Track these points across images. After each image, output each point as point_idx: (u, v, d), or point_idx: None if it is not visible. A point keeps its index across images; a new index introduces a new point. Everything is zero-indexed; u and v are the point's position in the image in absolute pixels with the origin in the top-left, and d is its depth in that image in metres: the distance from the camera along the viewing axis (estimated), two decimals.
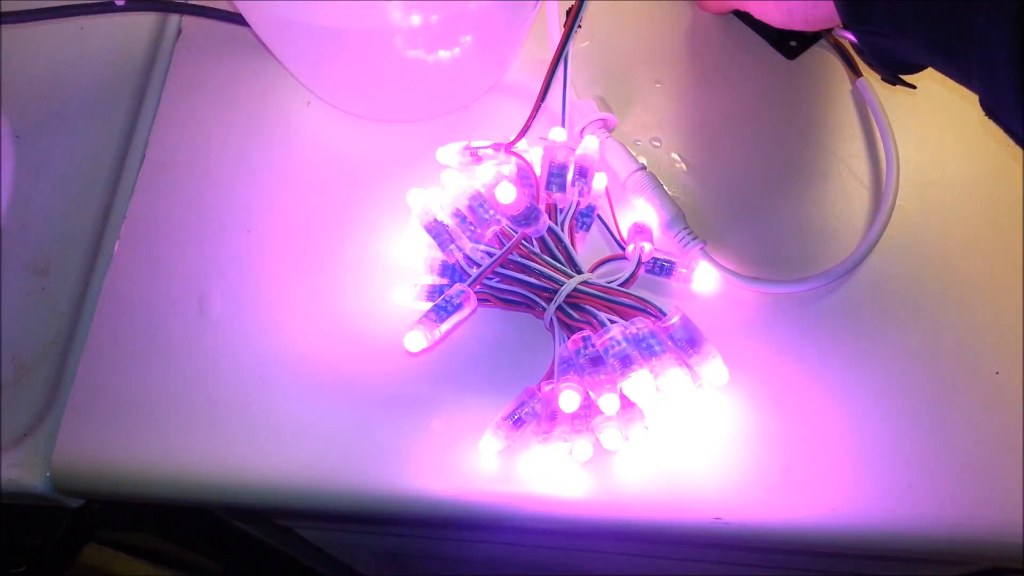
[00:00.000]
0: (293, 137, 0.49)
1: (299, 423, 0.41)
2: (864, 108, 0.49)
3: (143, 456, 0.41)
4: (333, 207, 0.47)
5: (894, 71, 0.42)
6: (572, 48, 0.43)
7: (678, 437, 0.40)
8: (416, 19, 0.39)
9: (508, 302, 0.42)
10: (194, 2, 0.52)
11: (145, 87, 0.50)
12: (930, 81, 0.49)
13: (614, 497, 0.39)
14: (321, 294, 0.44)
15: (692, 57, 0.51)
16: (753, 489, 0.39)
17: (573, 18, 0.41)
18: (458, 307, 0.39)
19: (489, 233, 0.42)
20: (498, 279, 0.41)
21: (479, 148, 0.45)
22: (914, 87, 0.43)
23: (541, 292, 0.41)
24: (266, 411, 0.42)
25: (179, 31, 0.52)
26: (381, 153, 0.48)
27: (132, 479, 0.41)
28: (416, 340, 0.38)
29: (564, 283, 0.40)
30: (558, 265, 0.41)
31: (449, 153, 0.45)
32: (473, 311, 0.40)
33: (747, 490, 0.39)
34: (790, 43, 0.51)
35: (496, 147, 0.44)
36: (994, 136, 0.48)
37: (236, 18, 0.51)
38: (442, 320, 0.39)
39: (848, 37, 0.39)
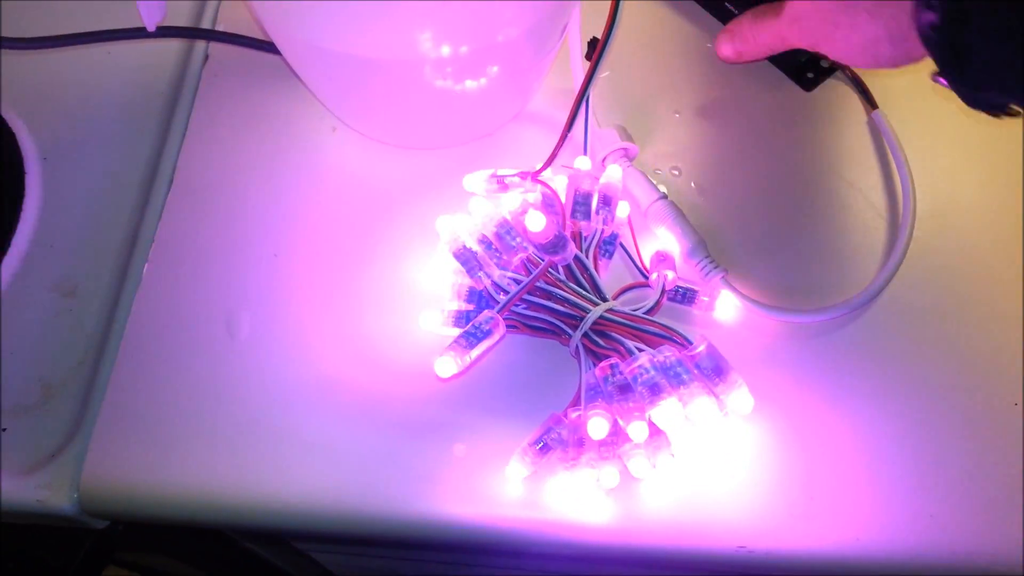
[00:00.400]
0: (319, 163, 0.50)
1: (325, 446, 0.42)
2: (880, 139, 0.49)
3: (172, 478, 0.41)
4: (359, 232, 0.47)
5: (986, 110, 0.39)
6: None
7: (702, 465, 0.41)
8: (446, 50, 0.40)
9: (535, 328, 0.42)
10: (222, 29, 0.53)
11: (172, 112, 0.51)
12: (945, 111, 0.50)
13: (639, 524, 0.40)
14: (348, 318, 0.45)
15: (710, 88, 0.52)
16: (777, 517, 0.39)
17: (599, 53, 0.42)
18: (487, 333, 0.39)
19: (516, 260, 0.42)
20: (525, 306, 0.42)
21: (506, 176, 0.45)
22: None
23: (567, 319, 0.41)
24: (292, 434, 0.42)
25: (206, 57, 0.53)
26: (406, 179, 0.49)
27: (160, 501, 0.41)
28: (447, 366, 0.39)
29: (590, 310, 0.41)
30: (584, 292, 0.42)
31: (476, 181, 0.46)
32: (502, 338, 0.41)
33: (771, 518, 0.39)
34: (807, 75, 0.52)
35: (523, 175, 0.45)
36: (1009, 165, 0.49)
37: (262, 45, 0.52)
38: (472, 346, 0.39)
39: (942, 83, 0.38)
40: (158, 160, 0.50)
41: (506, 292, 0.41)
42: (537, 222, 0.39)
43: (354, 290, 0.46)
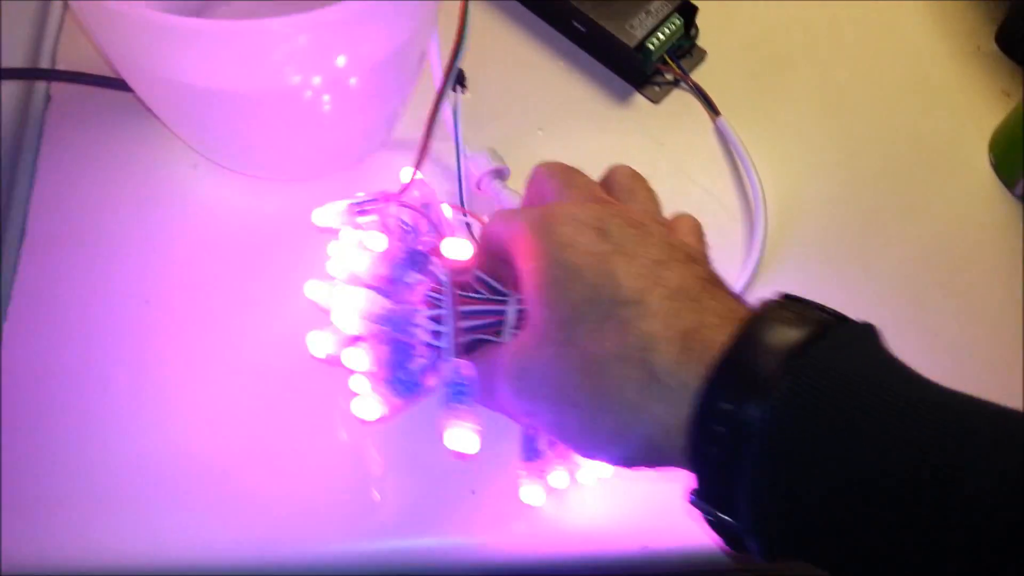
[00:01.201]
0: (182, 201, 0.48)
1: (217, 497, 0.41)
2: (727, 144, 0.53)
3: (75, 557, 0.39)
4: (232, 268, 0.46)
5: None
6: (459, 101, 0.45)
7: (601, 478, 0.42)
8: (296, 79, 0.40)
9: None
10: (63, 68, 0.50)
11: (16, 159, 0.48)
12: (784, 113, 0.54)
13: (550, 537, 0.41)
14: (228, 358, 0.44)
15: (569, 104, 0.54)
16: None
17: (446, 75, 0.42)
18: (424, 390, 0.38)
19: (418, 296, 0.40)
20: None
21: (365, 203, 0.43)
22: None
23: (489, 330, 0.39)
24: (182, 488, 0.41)
25: (48, 98, 0.50)
26: (275, 212, 0.48)
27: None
28: (371, 409, 0.37)
29: (506, 311, 0.38)
30: (489, 296, 0.40)
31: (329, 215, 0.43)
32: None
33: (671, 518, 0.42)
34: (656, 88, 0.55)
35: (385, 198, 0.43)
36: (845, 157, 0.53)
37: (109, 82, 0.50)
38: (406, 396, 0.37)
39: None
40: (7, 212, 0.47)
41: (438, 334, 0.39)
42: (462, 249, 0.38)
43: (232, 327, 0.45)
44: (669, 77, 0.55)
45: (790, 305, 0.30)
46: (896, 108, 0.55)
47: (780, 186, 0.52)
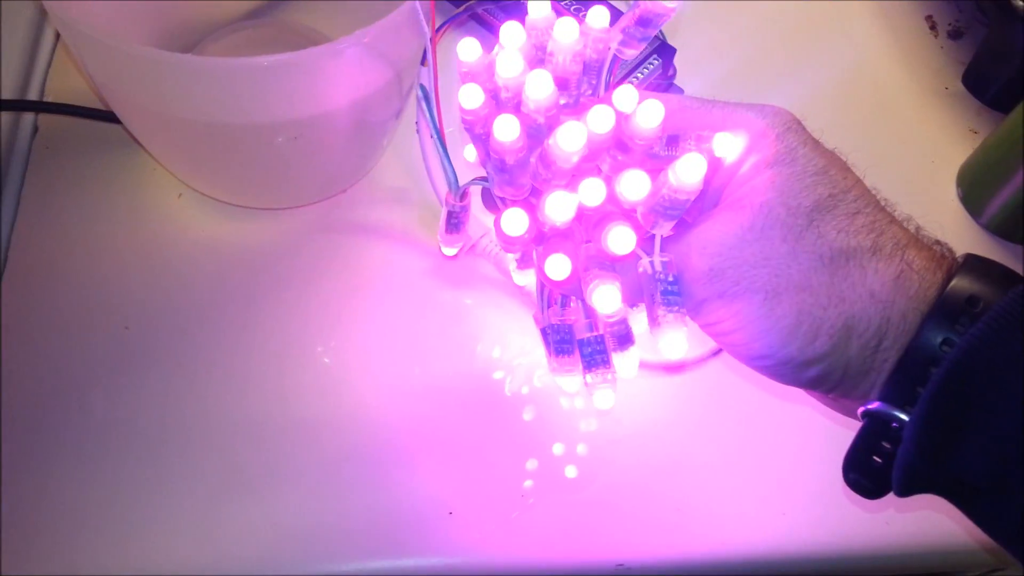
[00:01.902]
0: (166, 229, 0.48)
1: (195, 520, 0.40)
2: None
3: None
4: (213, 296, 0.46)
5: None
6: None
7: (575, 491, 0.43)
8: (283, 115, 0.41)
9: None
10: (51, 100, 0.51)
11: (0, 188, 0.49)
12: None
13: (519, 553, 0.41)
14: (207, 383, 0.44)
15: None
16: (651, 532, 0.42)
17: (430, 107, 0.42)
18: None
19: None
20: None
21: None
22: None
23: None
24: (160, 511, 0.40)
25: (35, 128, 0.51)
26: (259, 240, 0.49)
27: None
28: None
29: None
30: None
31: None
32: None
33: (646, 533, 0.42)
34: None
35: None
36: None
37: (97, 114, 0.50)
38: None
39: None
40: None
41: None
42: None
43: (211, 355, 0.45)
44: None
45: None
46: (867, 145, 0.55)
47: None
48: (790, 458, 0.45)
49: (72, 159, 0.50)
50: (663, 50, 0.55)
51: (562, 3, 0.56)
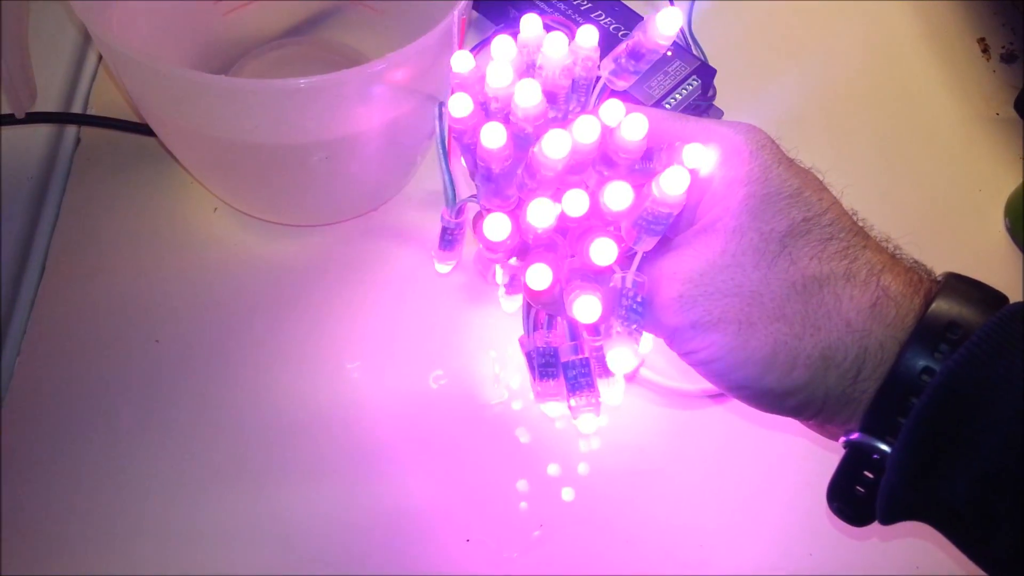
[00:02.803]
0: (201, 244, 0.49)
1: (218, 536, 0.40)
2: None
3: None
4: (244, 313, 0.47)
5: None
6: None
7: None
8: (318, 135, 0.41)
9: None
10: (94, 113, 0.52)
11: (43, 197, 0.50)
12: None
13: None
14: (232, 401, 0.44)
15: None
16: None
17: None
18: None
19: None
20: None
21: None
22: None
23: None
24: (185, 525, 0.41)
25: (78, 141, 0.52)
26: (291, 257, 0.49)
27: None
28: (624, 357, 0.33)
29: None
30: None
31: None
32: None
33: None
34: None
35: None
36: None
37: (137, 127, 0.51)
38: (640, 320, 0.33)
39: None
40: (29, 247, 0.48)
41: None
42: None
43: (239, 370, 0.45)
44: None
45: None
46: (914, 171, 0.55)
47: None
48: (780, 484, 0.44)
49: (112, 171, 0.51)
50: (703, 71, 0.54)
51: (575, 3, 0.55)
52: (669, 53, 0.54)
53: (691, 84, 0.54)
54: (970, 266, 0.50)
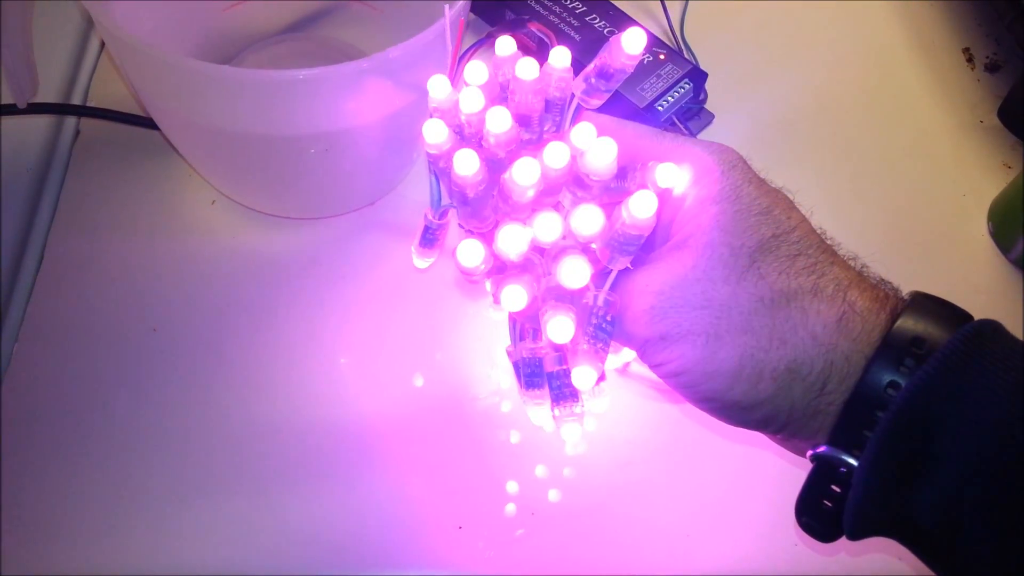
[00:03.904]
0: (198, 235, 0.50)
1: (215, 524, 0.41)
2: None
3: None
4: (241, 304, 0.47)
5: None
6: None
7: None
8: (317, 127, 0.41)
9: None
10: (94, 105, 0.52)
11: (42, 187, 0.50)
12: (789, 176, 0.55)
13: None
14: (229, 390, 0.45)
15: None
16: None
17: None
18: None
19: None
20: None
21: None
22: None
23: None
24: (178, 512, 0.41)
25: (77, 132, 0.53)
26: (289, 249, 0.50)
27: None
28: (589, 376, 0.33)
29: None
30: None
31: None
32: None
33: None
34: None
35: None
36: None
37: (136, 119, 0.52)
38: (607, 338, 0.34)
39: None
40: (27, 236, 0.48)
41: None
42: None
43: (235, 359, 0.45)
44: None
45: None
46: (900, 176, 0.56)
47: None
48: (765, 477, 0.44)
49: (110, 162, 0.51)
50: (695, 75, 0.55)
51: (569, 5, 0.56)
52: (662, 56, 0.55)
53: (683, 87, 0.55)
54: (955, 268, 0.52)
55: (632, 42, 0.33)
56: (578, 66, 0.36)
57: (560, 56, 0.36)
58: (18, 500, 0.41)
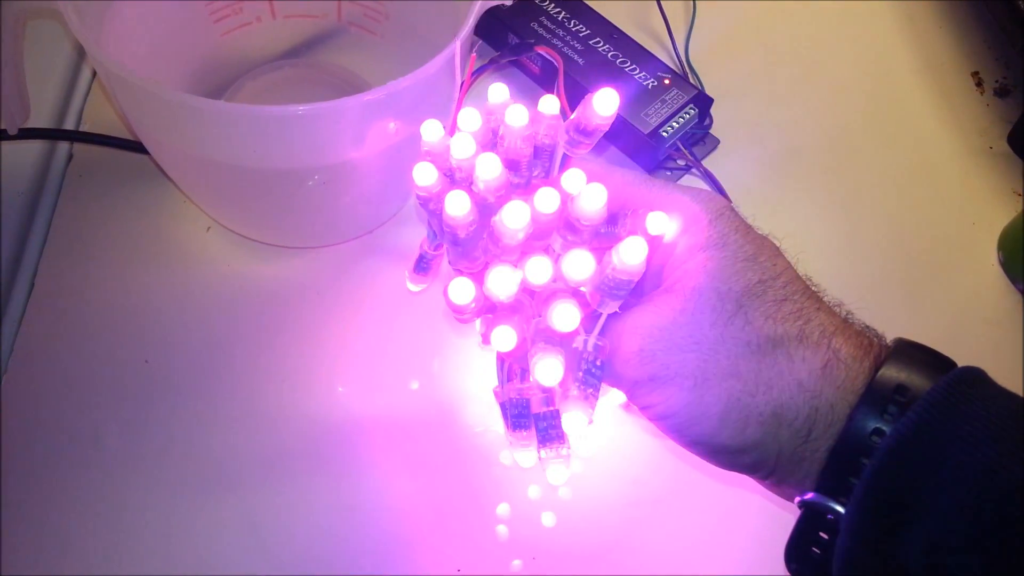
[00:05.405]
0: (193, 263, 0.49)
1: (208, 542, 0.40)
2: None
3: None
4: (236, 334, 0.46)
5: None
6: None
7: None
8: (312, 160, 0.41)
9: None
10: (87, 130, 0.52)
11: (33, 214, 0.49)
12: (795, 203, 0.55)
13: None
14: (223, 421, 0.44)
15: None
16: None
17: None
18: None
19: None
20: None
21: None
22: None
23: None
24: (173, 533, 0.40)
25: (70, 156, 0.52)
26: (284, 278, 0.49)
27: None
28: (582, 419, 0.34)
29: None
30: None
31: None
32: None
33: None
34: (667, 172, 0.55)
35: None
36: (853, 249, 0.53)
37: (130, 145, 0.51)
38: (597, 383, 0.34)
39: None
40: (18, 262, 0.47)
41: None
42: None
43: (227, 392, 0.44)
44: (681, 163, 0.56)
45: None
46: (907, 203, 0.55)
47: None
48: (762, 502, 0.43)
49: (104, 188, 0.51)
50: (700, 100, 0.54)
51: (574, 30, 0.56)
52: (667, 81, 0.54)
53: (688, 112, 0.54)
54: (964, 298, 0.51)
55: (603, 104, 0.34)
56: (580, 91, 0.36)
57: (548, 104, 0.36)
58: (17, 544, 0.40)
